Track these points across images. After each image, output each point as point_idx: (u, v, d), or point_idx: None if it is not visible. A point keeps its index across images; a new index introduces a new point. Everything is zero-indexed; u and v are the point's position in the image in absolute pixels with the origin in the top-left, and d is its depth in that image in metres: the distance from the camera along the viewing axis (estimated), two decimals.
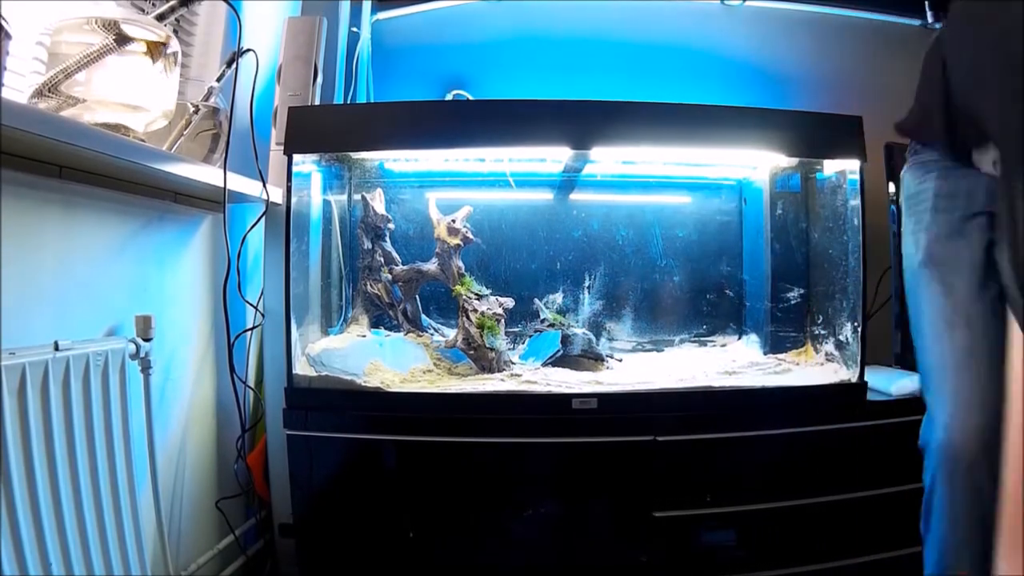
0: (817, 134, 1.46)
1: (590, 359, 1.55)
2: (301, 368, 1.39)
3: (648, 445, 1.31)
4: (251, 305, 1.47)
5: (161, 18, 1.11)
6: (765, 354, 1.67)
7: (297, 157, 1.39)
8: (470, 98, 1.96)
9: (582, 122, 1.39)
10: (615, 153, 1.61)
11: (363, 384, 1.36)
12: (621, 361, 1.61)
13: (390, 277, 1.61)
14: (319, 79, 1.56)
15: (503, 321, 1.51)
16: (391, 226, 1.63)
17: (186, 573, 1.28)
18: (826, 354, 1.56)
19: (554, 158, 1.64)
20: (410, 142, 1.46)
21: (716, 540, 1.37)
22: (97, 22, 0.97)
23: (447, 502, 1.34)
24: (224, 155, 1.27)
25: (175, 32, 1.35)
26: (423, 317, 1.67)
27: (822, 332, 1.59)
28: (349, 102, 1.77)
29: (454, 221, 1.55)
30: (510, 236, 1.75)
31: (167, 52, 1.05)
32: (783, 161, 1.60)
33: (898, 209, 1.65)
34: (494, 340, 1.48)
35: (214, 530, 1.43)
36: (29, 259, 0.94)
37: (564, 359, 1.54)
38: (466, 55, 2.02)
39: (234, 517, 1.47)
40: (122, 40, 0.98)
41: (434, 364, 1.52)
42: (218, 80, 1.33)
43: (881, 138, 1.59)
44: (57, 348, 0.88)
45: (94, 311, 1.07)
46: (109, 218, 1.13)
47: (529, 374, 1.45)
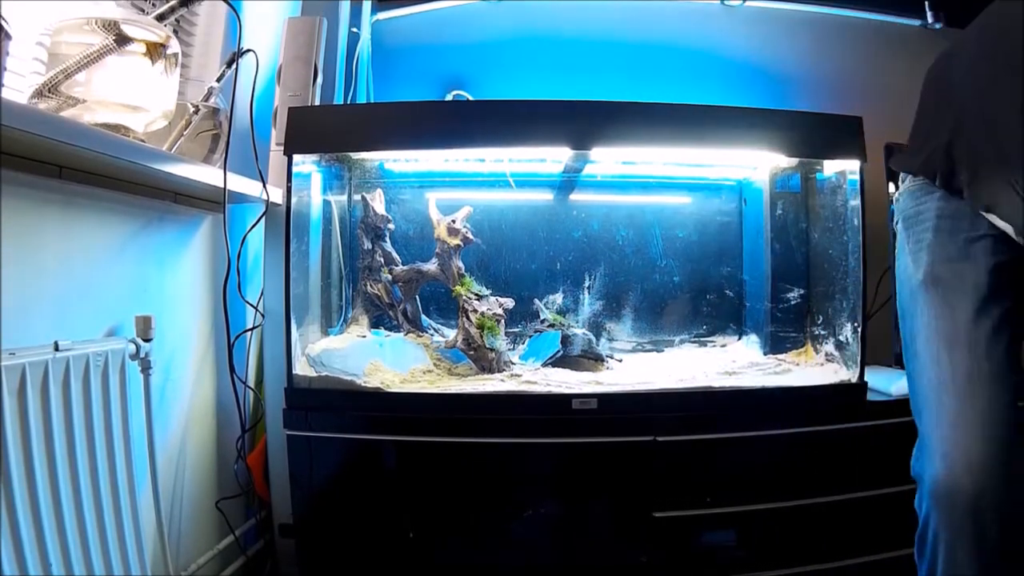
0: (817, 134, 1.46)
1: (590, 359, 1.55)
2: (301, 368, 1.39)
3: (648, 445, 1.31)
4: (251, 305, 1.47)
5: (161, 18, 1.11)
6: (765, 354, 1.67)
7: (297, 157, 1.39)
8: (470, 98, 1.96)
9: (582, 122, 1.39)
10: (615, 153, 1.61)
11: (363, 384, 1.36)
12: (621, 361, 1.61)
13: (390, 277, 1.61)
14: (319, 79, 1.56)
15: (503, 321, 1.51)
16: (391, 226, 1.63)
17: (186, 573, 1.28)
18: (826, 354, 1.56)
19: (554, 158, 1.64)
20: (410, 142, 1.46)
21: (716, 540, 1.37)
22: (97, 22, 0.97)
23: (447, 502, 1.34)
24: (224, 155, 1.27)
25: (175, 32, 1.35)
26: (423, 317, 1.67)
27: (822, 332, 1.59)
28: (349, 102, 1.77)
29: (454, 221, 1.55)
30: (510, 236, 1.75)
31: (167, 52, 1.06)
32: (783, 161, 1.60)
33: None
34: (494, 340, 1.48)
35: (214, 530, 1.43)
36: (29, 259, 0.94)
37: (564, 359, 1.54)
38: (466, 55, 2.02)
39: (234, 517, 1.47)
40: (122, 40, 0.98)
41: (434, 364, 1.52)
42: (218, 80, 1.33)
43: (881, 138, 1.59)
44: (57, 348, 0.88)
45: (94, 311, 1.07)
46: (109, 218, 1.13)
47: (529, 374, 1.45)
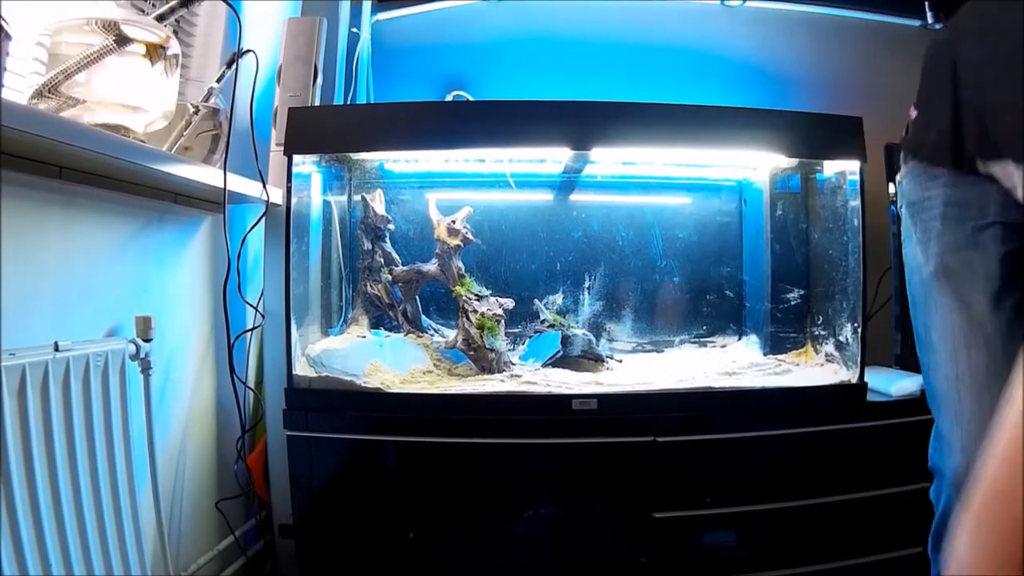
0: (817, 135, 1.46)
1: (590, 360, 1.55)
2: (301, 369, 1.39)
3: (648, 446, 1.31)
4: (251, 306, 1.47)
5: (161, 19, 1.11)
6: (765, 355, 1.66)
7: (297, 158, 1.39)
8: (470, 99, 1.96)
9: (582, 123, 1.39)
10: (615, 154, 1.61)
11: (363, 385, 1.36)
12: (621, 362, 1.61)
13: (390, 278, 1.61)
14: (319, 80, 1.56)
15: (503, 322, 1.51)
16: (391, 227, 1.63)
17: (186, 574, 1.28)
18: (826, 355, 1.56)
19: (554, 159, 1.64)
20: (410, 143, 1.46)
21: (716, 541, 1.37)
22: (97, 23, 0.97)
23: (447, 503, 1.34)
24: (224, 156, 1.27)
25: (175, 33, 1.35)
26: (423, 318, 1.67)
27: (822, 333, 1.59)
28: (349, 103, 1.77)
29: (454, 222, 1.55)
30: (510, 237, 1.75)
31: (167, 53, 1.06)
32: (783, 162, 1.60)
33: (897, 212, 1.66)
34: (494, 341, 1.48)
35: (214, 531, 1.43)
36: (29, 260, 0.94)
37: (564, 360, 1.54)
38: (466, 55, 2.02)
39: (234, 518, 1.47)
40: (122, 41, 0.98)
41: (434, 365, 1.52)
42: (218, 81, 1.33)
43: (881, 138, 1.59)
44: (57, 349, 0.88)
45: (94, 312, 1.07)
46: (109, 219, 1.13)
47: (529, 375, 1.45)
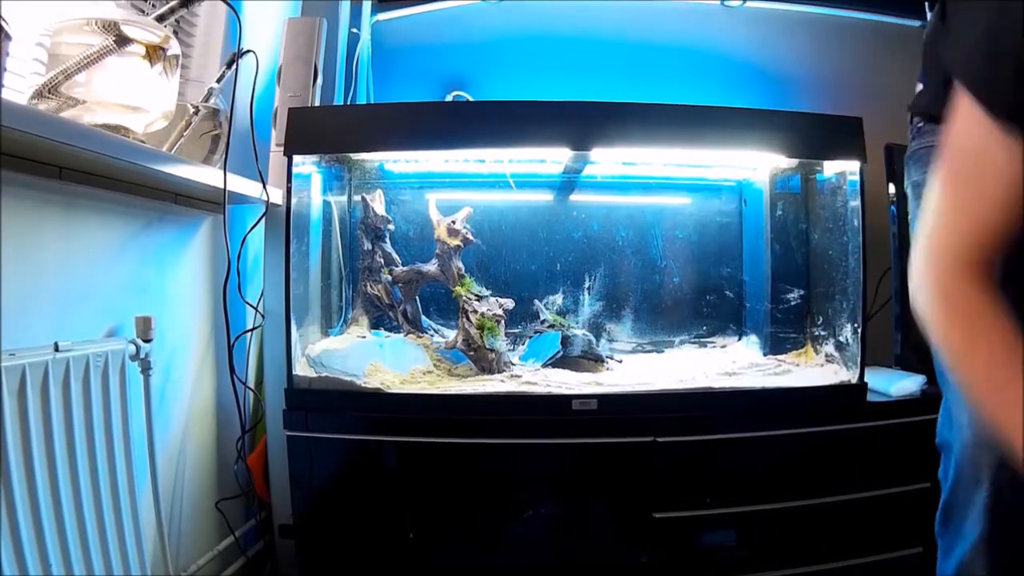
0: (817, 135, 1.46)
1: (590, 360, 1.55)
2: (301, 369, 1.39)
3: (648, 446, 1.31)
4: (251, 306, 1.47)
5: (161, 19, 1.11)
6: (765, 355, 1.66)
7: (297, 158, 1.39)
8: (470, 99, 1.96)
9: (582, 123, 1.39)
10: (615, 154, 1.61)
11: (363, 385, 1.36)
12: (621, 362, 1.61)
13: (390, 278, 1.61)
14: (319, 80, 1.56)
15: (503, 322, 1.51)
16: (391, 227, 1.63)
17: (186, 574, 1.28)
18: (826, 355, 1.56)
19: (554, 159, 1.64)
20: (410, 143, 1.46)
21: (716, 541, 1.37)
22: (97, 23, 0.97)
23: (447, 503, 1.34)
24: (224, 156, 1.27)
25: (175, 33, 1.35)
26: (423, 318, 1.67)
27: (822, 333, 1.59)
28: (349, 103, 1.77)
29: (454, 222, 1.55)
30: (510, 237, 1.75)
31: (167, 53, 1.06)
32: (783, 162, 1.60)
33: (898, 204, 1.65)
34: (494, 341, 1.48)
35: (214, 531, 1.43)
36: (29, 260, 0.94)
37: (564, 360, 1.54)
38: (466, 56, 2.02)
39: (234, 518, 1.47)
40: (122, 41, 0.98)
41: (434, 365, 1.52)
42: (218, 81, 1.33)
43: (881, 139, 1.59)
44: (57, 349, 0.88)
45: (94, 312, 1.07)
46: (109, 219, 1.13)
47: (529, 375, 1.45)
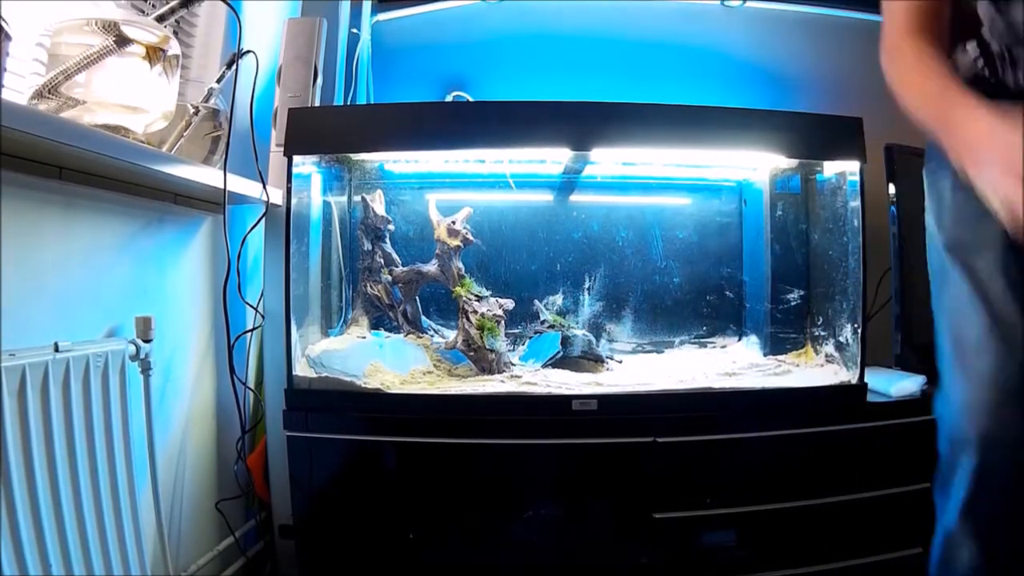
0: (817, 135, 1.46)
1: (590, 360, 1.55)
2: (301, 369, 1.39)
3: (648, 446, 1.31)
4: (251, 306, 1.47)
5: (161, 19, 1.11)
6: (765, 355, 1.66)
7: (297, 158, 1.39)
8: (470, 99, 1.96)
9: (582, 123, 1.39)
10: (615, 154, 1.61)
11: (363, 385, 1.36)
12: (621, 362, 1.61)
13: (390, 278, 1.61)
14: (319, 80, 1.56)
15: (503, 322, 1.51)
16: (391, 227, 1.63)
17: (186, 574, 1.28)
18: (826, 355, 1.56)
19: (554, 159, 1.64)
20: (410, 143, 1.46)
21: (716, 541, 1.36)
22: (97, 23, 0.97)
23: (447, 503, 1.34)
24: (224, 156, 1.27)
25: (175, 34, 1.35)
26: (423, 318, 1.67)
27: (822, 333, 1.59)
28: (349, 103, 1.77)
29: (454, 222, 1.55)
30: (510, 237, 1.75)
31: (167, 54, 1.06)
32: (783, 162, 1.60)
33: (898, 204, 1.64)
34: (494, 341, 1.48)
35: (214, 531, 1.43)
36: (29, 260, 0.94)
37: (564, 360, 1.54)
38: (466, 56, 2.02)
39: (234, 518, 1.47)
40: (122, 42, 0.98)
41: (434, 365, 1.52)
42: (218, 81, 1.33)
43: (881, 139, 1.59)
44: (57, 349, 0.88)
45: (94, 312, 1.07)
46: (109, 219, 1.13)
47: (529, 375, 1.45)
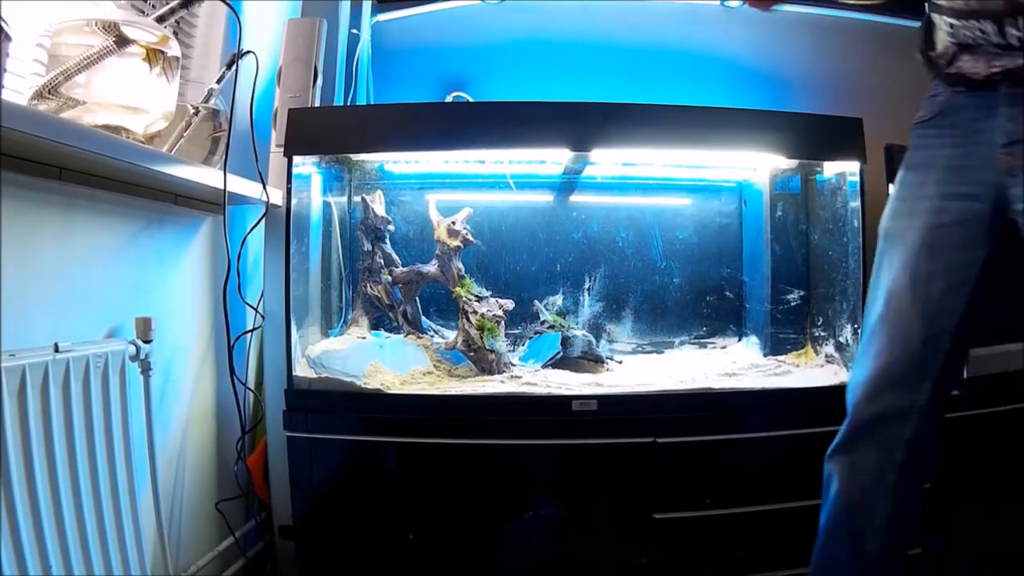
0: (817, 136, 1.46)
1: (590, 361, 1.55)
2: (301, 370, 1.39)
3: (648, 447, 1.31)
4: (251, 307, 1.47)
5: (161, 20, 1.11)
6: (765, 356, 1.66)
7: (297, 159, 1.39)
8: (470, 100, 1.96)
9: (582, 124, 1.39)
10: (615, 155, 1.61)
11: (363, 386, 1.36)
12: (621, 363, 1.61)
13: (390, 279, 1.61)
14: (319, 81, 1.56)
15: (503, 323, 1.51)
16: (391, 228, 1.63)
17: (186, 574, 1.28)
18: (826, 356, 1.56)
19: (554, 160, 1.64)
20: (410, 144, 1.46)
21: (716, 542, 1.36)
22: (97, 24, 0.97)
23: (447, 504, 1.34)
24: (224, 157, 1.27)
25: (175, 34, 1.35)
26: (423, 319, 1.67)
27: (822, 334, 1.59)
28: (349, 104, 1.77)
29: (454, 223, 1.55)
30: (510, 238, 1.75)
31: (167, 54, 1.06)
32: (783, 163, 1.60)
33: None
34: (494, 342, 1.48)
35: (214, 532, 1.43)
36: (29, 260, 0.94)
37: (564, 361, 1.54)
38: (466, 56, 2.02)
39: (234, 519, 1.47)
40: (122, 42, 0.98)
41: (434, 366, 1.52)
42: (218, 82, 1.33)
43: (881, 139, 1.59)
44: (57, 350, 0.88)
45: (94, 313, 1.07)
46: (109, 220, 1.13)
47: (529, 376, 1.45)
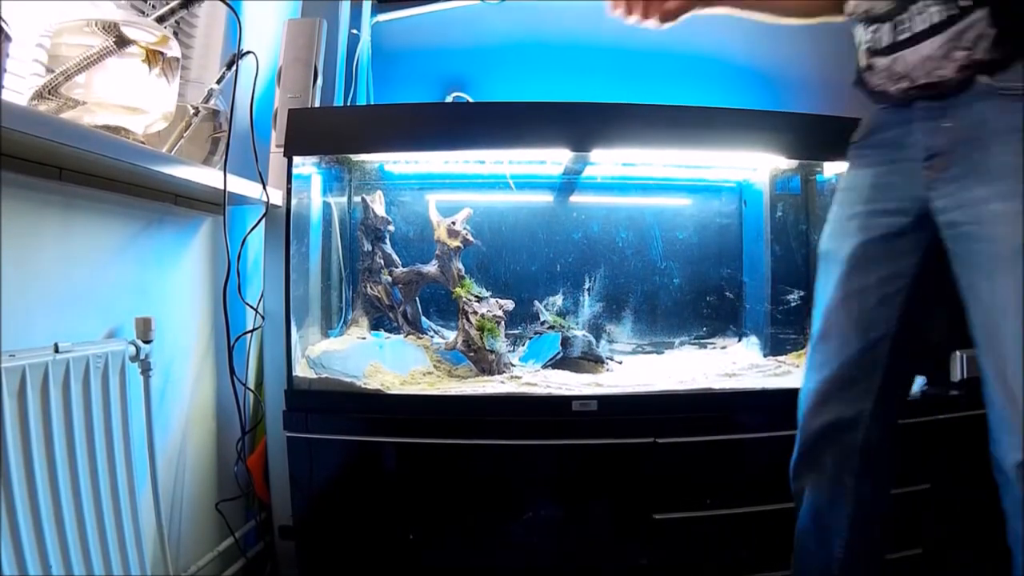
0: (817, 136, 1.47)
1: (590, 361, 1.55)
2: (301, 370, 1.39)
3: (648, 447, 1.31)
4: (251, 307, 1.47)
5: (161, 20, 1.11)
6: (765, 356, 1.66)
7: (297, 159, 1.39)
8: (470, 100, 1.96)
9: (581, 124, 1.39)
10: (615, 155, 1.61)
11: (363, 386, 1.36)
12: (621, 363, 1.61)
13: (390, 279, 1.61)
14: (319, 81, 1.56)
15: (503, 323, 1.51)
16: (391, 228, 1.63)
17: (186, 575, 1.28)
18: None
19: (554, 160, 1.64)
20: (410, 144, 1.46)
21: (717, 542, 1.36)
22: (97, 24, 0.97)
23: (447, 504, 1.34)
24: (224, 157, 1.27)
25: (175, 34, 1.35)
26: (423, 319, 1.67)
27: None
28: (349, 104, 1.77)
29: (454, 223, 1.55)
30: (510, 238, 1.75)
31: (167, 55, 1.06)
32: (783, 163, 1.60)
33: None
34: (494, 342, 1.48)
35: (214, 532, 1.43)
36: (29, 261, 0.94)
37: (564, 361, 1.54)
38: (466, 57, 2.02)
39: (234, 519, 1.47)
40: (122, 42, 0.98)
41: (434, 366, 1.52)
42: (218, 82, 1.33)
43: None
44: (57, 350, 0.88)
45: (94, 313, 1.07)
46: (109, 220, 1.13)
47: (529, 376, 1.45)
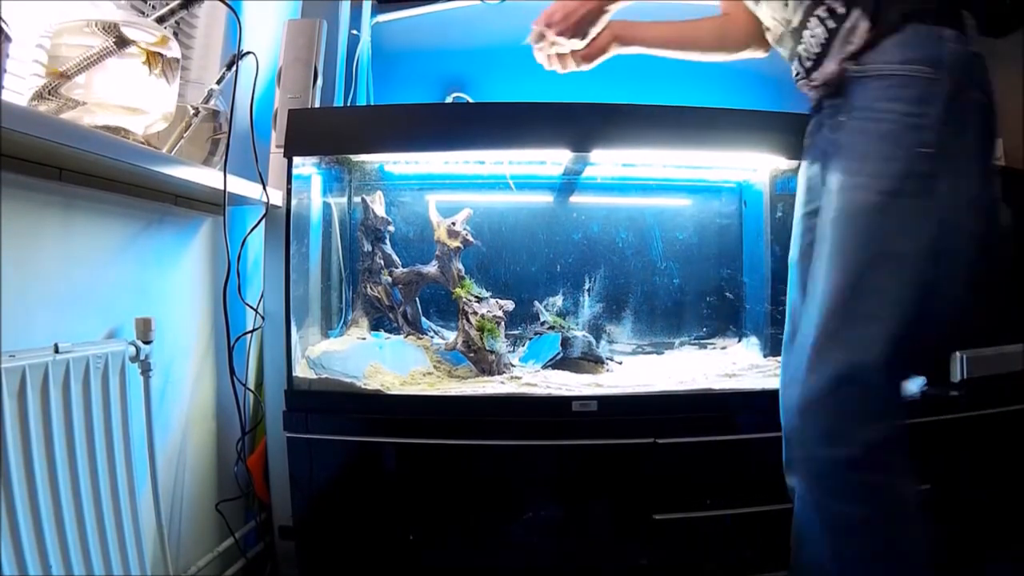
0: None
1: (590, 361, 1.55)
2: (301, 370, 1.39)
3: (648, 447, 1.31)
4: (251, 308, 1.47)
5: (161, 21, 1.11)
6: (765, 356, 1.66)
7: (297, 160, 1.39)
8: (470, 100, 1.96)
9: (581, 124, 1.39)
10: (615, 155, 1.61)
11: (363, 387, 1.36)
12: (621, 364, 1.61)
13: (390, 280, 1.61)
14: (319, 82, 1.56)
15: (503, 324, 1.51)
16: (391, 228, 1.63)
17: (186, 575, 1.28)
18: None
19: (554, 160, 1.64)
20: (410, 145, 1.46)
21: (717, 542, 1.36)
22: (97, 25, 0.97)
23: (447, 505, 1.34)
24: (224, 158, 1.27)
25: (175, 35, 1.35)
26: (423, 319, 1.67)
27: None
28: (349, 105, 1.77)
29: (454, 224, 1.55)
30: (510, 238, 1.75)
31: (167, 55, 1.06)
32: (783, 163, 1.60)
33: None
34: (494, 343, 1.48)
35: (214, 532, 1.43)
36: (29, 261, 0.94)
37: (564, 361, 1.54)
38: (466, 57, 2.02)
39: (234, 519, 1.47)
40: (122, 43, 0.98)
41: (434, 367, 1.52)
42: (218, 83, 1.33)
43: None
44: (57, 350, 0.88)
45: (94, 313, 1.07)
46: (109, 220, 1.13)
47: (529, 377, 1.45)
